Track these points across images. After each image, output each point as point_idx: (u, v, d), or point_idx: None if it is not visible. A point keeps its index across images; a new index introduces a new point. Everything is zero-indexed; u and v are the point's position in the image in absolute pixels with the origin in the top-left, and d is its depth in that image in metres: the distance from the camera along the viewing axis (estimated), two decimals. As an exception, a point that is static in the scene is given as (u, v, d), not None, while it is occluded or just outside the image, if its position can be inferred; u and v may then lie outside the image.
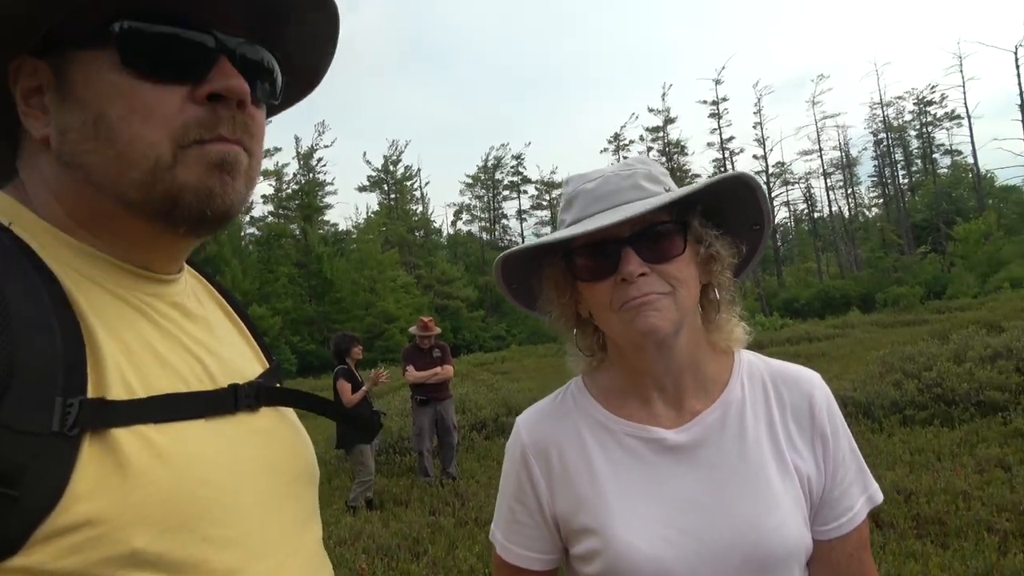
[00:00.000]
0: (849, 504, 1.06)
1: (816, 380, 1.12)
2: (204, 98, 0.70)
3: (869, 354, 11.43)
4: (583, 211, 1.06)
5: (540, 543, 1.13)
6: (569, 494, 1.09)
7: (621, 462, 1.08)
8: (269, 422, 0.82)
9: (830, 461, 1.06)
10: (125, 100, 0.68)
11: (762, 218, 1.10)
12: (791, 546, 1.00)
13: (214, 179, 0.71)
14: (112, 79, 0.68)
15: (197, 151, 0.70)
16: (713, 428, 1.07)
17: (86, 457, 0.59)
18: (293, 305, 39.81)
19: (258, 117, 0.77)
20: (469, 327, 45.09)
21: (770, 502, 1.01)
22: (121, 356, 0.67)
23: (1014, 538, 4.41)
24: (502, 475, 1.20)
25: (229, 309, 0.95)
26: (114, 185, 0.70)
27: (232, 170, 0.72)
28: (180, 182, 0.70)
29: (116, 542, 0.59)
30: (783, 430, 1.07)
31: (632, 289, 1.00)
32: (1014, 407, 7.24)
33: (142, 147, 0.68)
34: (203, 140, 0.70)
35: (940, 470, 5.90)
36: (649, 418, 1.09)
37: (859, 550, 1.07)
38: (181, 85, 0.70)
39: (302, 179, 48.98)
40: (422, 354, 8.05)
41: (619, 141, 58.26)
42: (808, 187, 60.10)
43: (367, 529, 6.07)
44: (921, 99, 55.25)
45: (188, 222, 0.72)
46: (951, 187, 51.16)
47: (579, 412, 1.14)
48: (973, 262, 35.22)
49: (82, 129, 0.69)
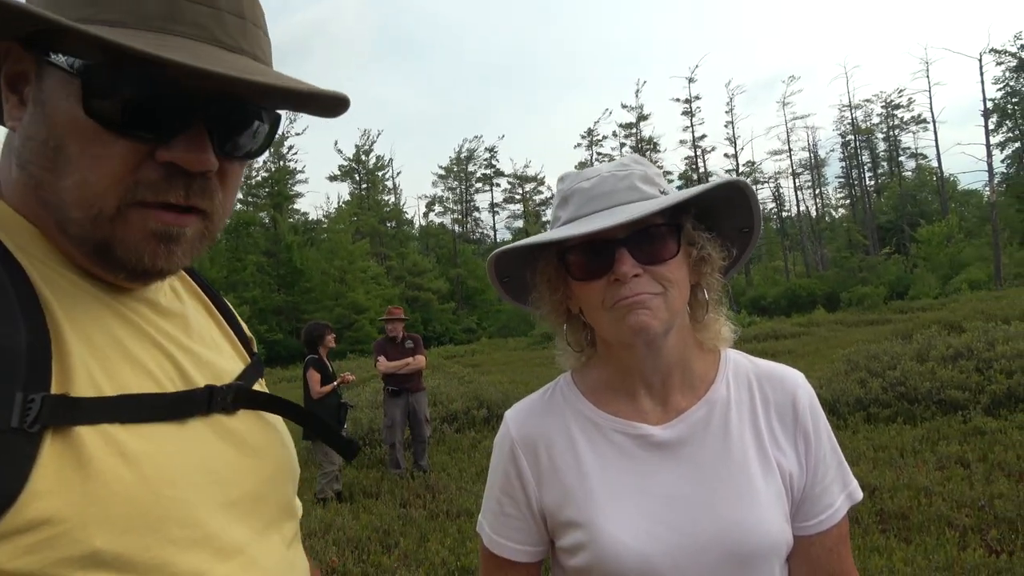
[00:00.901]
0: (829, 501, 1.09)
1: (800, 380, 1.15)
2: (162, 161, 0.67)
3: (834, 352, 11.66)
4: (579, 210, 1.06)
5: (527, 536, 1.14)
6: (556, 488, 1.10)
7: (608, 457, 1.09)
8: (245, 424, 0.80)
9: (812, 459, 1.09)
10: (82, 141, 0.65)
11: (752, 222, 1.13)
12: (772, 541, 1.02)
13: (151, 246, 0.68)
14: (76, 115, 0.65)
15: (139, 213, 0.67)
16: (698, 425, 1.09)
17: (47, 455, 0.58)
18: (261, 294, 39.34)
19: (230, 175, 0.74)
20: (440, 319, 44.99)
21: (752, 498, 1.03)
22: (88, 352, 0.65)
23: (973, 533, 4.54)
24: (490, 469, 1.21)
25: (209, 304, 0.93)
26: (57, 212, 0.68)
27: (173, 242, 0.69)
28: (118, 237, 0.67)
29: (75, 542, 0.58)
30: (767, 428, 1.09)
31: (625, 289, 1.01)
32: (974, 406, 7.45)
33: (87, 194, 0.66)
34: (146, 203, 0.67)
35: (903, 467, 6.05)
36: (636, 415, 1.11)
37: (838, 546, 1.09)
38: (142, 142, 0.66)
39: (272, 167, 48.32)
40: (394, 345, 7.99)
41: (592, 136, 58.50)
42: (777, 187, 60.84)
43: (337, 521, 6.04)
44: (888, 102, 56.25)
45: (123, 272, 0.70)
46: (916, 190, 52.26)
47: (568, 407, 1.16)
48: (935, 264, 36.06)
49: (42, 149, 0.67)
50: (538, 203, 62.22)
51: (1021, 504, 4.78)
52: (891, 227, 49.89)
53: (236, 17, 0.70)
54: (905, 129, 56.37)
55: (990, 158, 38.06)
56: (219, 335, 0.90)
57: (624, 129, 55.21)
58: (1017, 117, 44.57)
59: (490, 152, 61.61)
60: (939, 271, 34.84)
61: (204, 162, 0.68)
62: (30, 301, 0.62)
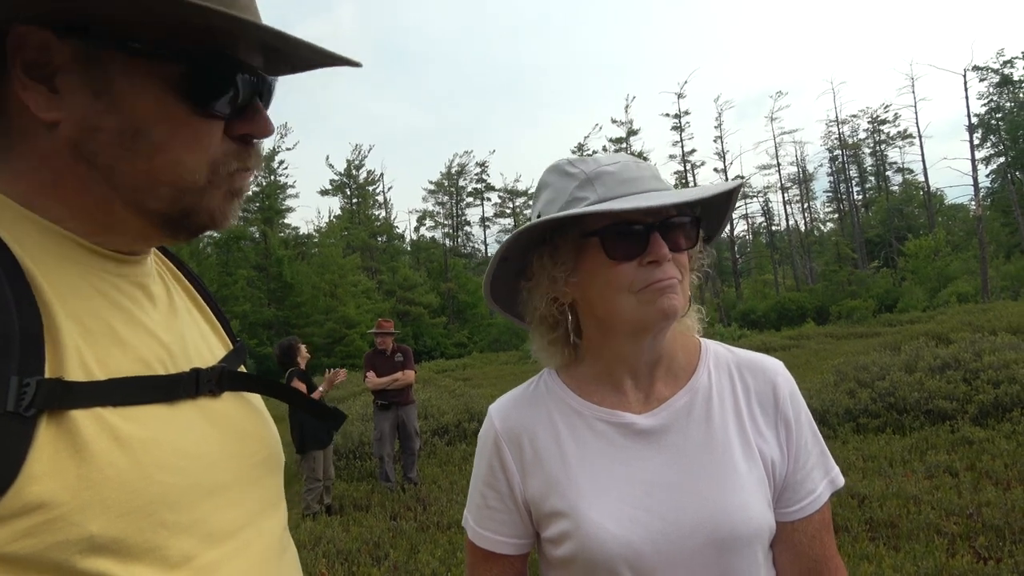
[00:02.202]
0: (812, 487, 1.10)
1: (780, 368, 1.17)
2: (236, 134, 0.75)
3: (824, 364, 11.70)
4: (611, 191, 1.05)
5: (511, 528, 1.15)
6: (540, 478, 1.11)
7: (591, 446, 1.10)
8: (231, 407, 0.81)
9: (793, 445, 1.11)
10: (171, 125, 0.70)
11: (718, 229, 1.20)
12: (755, 527, 1.03)
13: (230, 204, 0.77)
14: (163, 100, 0.69)
15: (227, 179, 0.75)
16: (681, 413, 1.10)
17: (42, 439, 0.58)
18: (252, 308, 39.07)
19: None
20: (431, 333, 44.81)
21: (735, 484, 1.05)
22: (80, 336, 0.65)
23: (961, 540, 4.56)
24: (474, 462, 1.21)
25: (194, 292, 0.94)
26: (135, 193, 0.71)
27: (239, 197, 0.78)
28: (203, 204, 0.74)
29: (71, 525, 0.58)
30: (748, 415, 1.11)
31: (659, 271, 1.03)
32: (961, 416, 7.50)
33: (180, 171, 0.71)
34: (233, 171, 0.75)
35: (892, 476, 6.07)
36: (619, 404, 1.12)
37: (821, 531, 1.11)
38: (222, 119, 0.73)
39: (263, 181, 48.19)
40: (383, 358, 7.96)
41: (582, 151, 58.67)
42: (766, 201, 61.22)
43: (327, 534, 6.00)
44: (875, 118, 56.83)
45: (190, 233, 0.77)
46: (903, 204, 52.63)
47: (551, 398, 1.17)
48: (923, 277, 36.24)
49: (118, 136, 0.68)
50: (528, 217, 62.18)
51: (1008, 512, 4.81)
52: (879, 241, 50.24)
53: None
54: (891, 144, 56.92)
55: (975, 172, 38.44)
56: (203, 321, 0.92)
57: (614, 143, 55.48)
58: (1001, 132, 45.13)
59: (481, 167, 61.74)
60: (927, 284, 35.05)
61: (271, 129, 0.78)
62: (22, 286, 0.62)
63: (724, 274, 54.32)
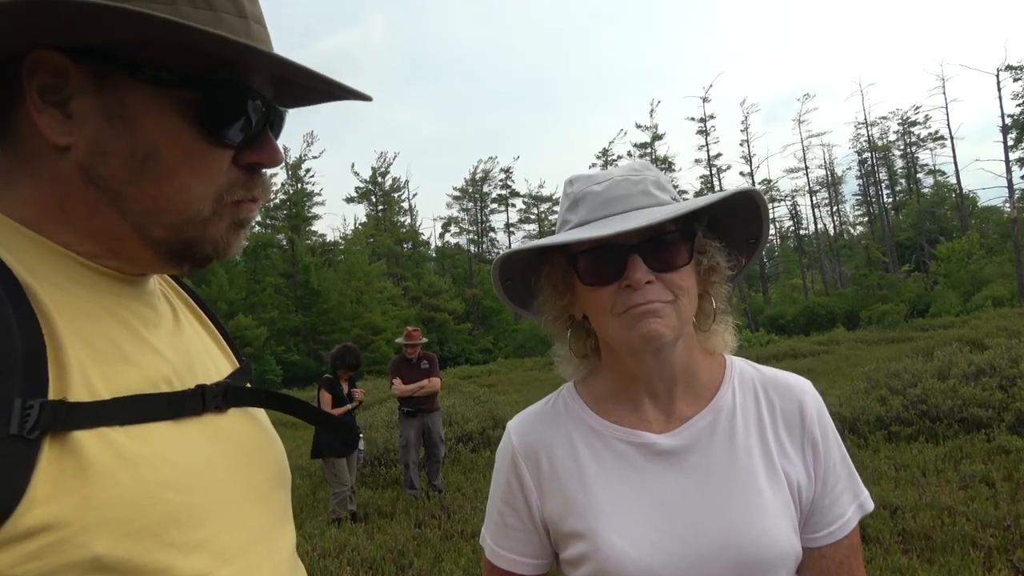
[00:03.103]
0: (840, 512, 1.06)
1: (807, 387, 1.13)
2: (245, 163, 0.74)
3: (854, 370, 11.50)
4: (591, 214, 1.04)
5: (529, 547, 1.13)
6: (558, 498, 1.09)
7: (611, 467, 1.08)
8: (237, 424, 0.80)
9: (820, 468, 1.06)
10: (181, 151, 0.70)
11: (760, 232, 1.12)
12: (779, 552, 1.00)
13: (234, 235, 0.76)
14: (175, 126, 0.69)
15: (232, 209, 0.74)
16: (703, 433, 1.07)
17: (46, 461, 0.57)
18: (279, 316, 39.60)
19: None
20: (456, 340, 45.00)
21: (759, 507, 1.01)
22: (84, 355, 0.65)
23: (999, 553, 4.44)
24: (492, 479, 1.19)
25: (198, 310, 0.94)
26: (141, 219, 0.71)
27: (244, 228, 0.77)
28: (207, 234, 0.74)
29: (77, 547, 0.57)
30: (774, 436, 1.07)
31: (637, 295, 1.00)
32: (997, 424, 7.31)
33: (187, 198, 0.71)
34: (237, 200, 0.74)
35: (925, 486, 5.94)
36: (639, 423, 1.09)
37: (850, 557, 1.07)
38: (231, 148, 0.73)
39: (290, 189, 48.86)
40: (410, 366, 7.98)
41: (607, 156, 58.62)
42: (794, 204, 60.71)
43: (352, 541, 6.01)
44: (905, 120, 56.00)
45: (194, 263, 0.76)
46: (934, 207, 51.74)
47: (570, 417, 1.14)
48: (956, 281, 35.61)
49: (128, 160, 0.69)
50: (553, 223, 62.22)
51: (1048, 524, 4.67)
52: (910, 244, 49.39)
53: (261, 27, 0.76)
54: (922, 146, 56.07)
55: (1009, 174, 37.73)
56: (209, 339, 0.91)
57: (639, 148, 55.31)
58: (1036, 132, 44.14)
59: (505, 173, 61.96)
60: (960, 288, 34.40)
61: (281, 159, 0.77)
62: (24, 306, 0.62)
63: (752, 279, 53.80)
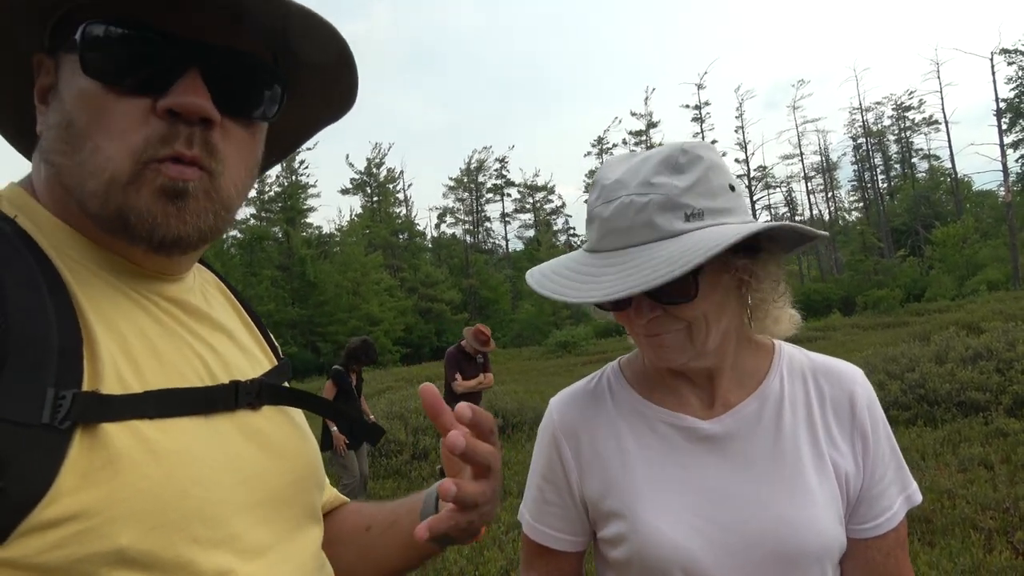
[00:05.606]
0: (888, 504, 1.04)
1: (859, 376, 1.10)
2: (164, 112, 0.66)
3: (852, 356, 11.52)
4: (598, 243, 1.00)
5: (568, 524, 1.12)
6: (599, 477, 1.08)
7: (653, 448, 1.07)
8: (270, 421, 0.80)
9: (869, 459, 1.04)
10: (89, 108, 0.66)
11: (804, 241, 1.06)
12: (824, 543, 0.98)
13: (159, 206, 0.67)
14: (80, 85, 0.67)
15: (152, 172, 0.66)
16: (749, 420, 1.05)
17: (76, 451, 0.58)
18: (276, 308, 39.48)
19: (233, 135, 0.72)
20: (453, 330, 44.92)
21: (805, 498, 0.99)
22: (118, 349, 0.65)
23: (999, 535, 4.48)
24: (533, 456, 1.19)
25: (239, 307, 0.94)
26: (77, 192, 0.68)
27: (180, 199, 0.67)
28: (131, 203, 0.66)
29: (102, 537, 0.58)
30: (822, 425, 1.05)
31: (646, 328, 1.00)
32: (995, 407, 7.36)
33: (100, 159, 0.66)
34: (159, 158, 0.66)
35: (924, 469, 5.97)
36: (683, 406, 1.08)
37: (896, 549, 1.05)
38: (145, 97, 0.66)
39: (285, 181, 48.63)
40: (468, 361, 7.61)
41: (602, 144, 58.59)
42: (789, 191, 60.68)
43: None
44: (899, 104, 56.07)
45: (143, 243, 0.68)
46: (929, 191, 51.83)
47: (612, 396, 1.13)
48: (951, 265, 35.71)
49: (57, 131, 0.68)
50: (548, 212, 62.32)
51: (1047, 505, 4.71)
52: (905, 229, 49.52)
53: None
54: (917, 131, 56.14)
55: (1004, 158, 37.81)
56: (248, 337, 0.90)
57: (634, 136, 55.23)
58: (1031, 116, 44.17)
59: (500, 162, 61.92)
60: (955, 272, 34.51)
61: (201, 107, 0.66)
62: (62, 298, 0.63)
63: (747, 266, 53.71)
